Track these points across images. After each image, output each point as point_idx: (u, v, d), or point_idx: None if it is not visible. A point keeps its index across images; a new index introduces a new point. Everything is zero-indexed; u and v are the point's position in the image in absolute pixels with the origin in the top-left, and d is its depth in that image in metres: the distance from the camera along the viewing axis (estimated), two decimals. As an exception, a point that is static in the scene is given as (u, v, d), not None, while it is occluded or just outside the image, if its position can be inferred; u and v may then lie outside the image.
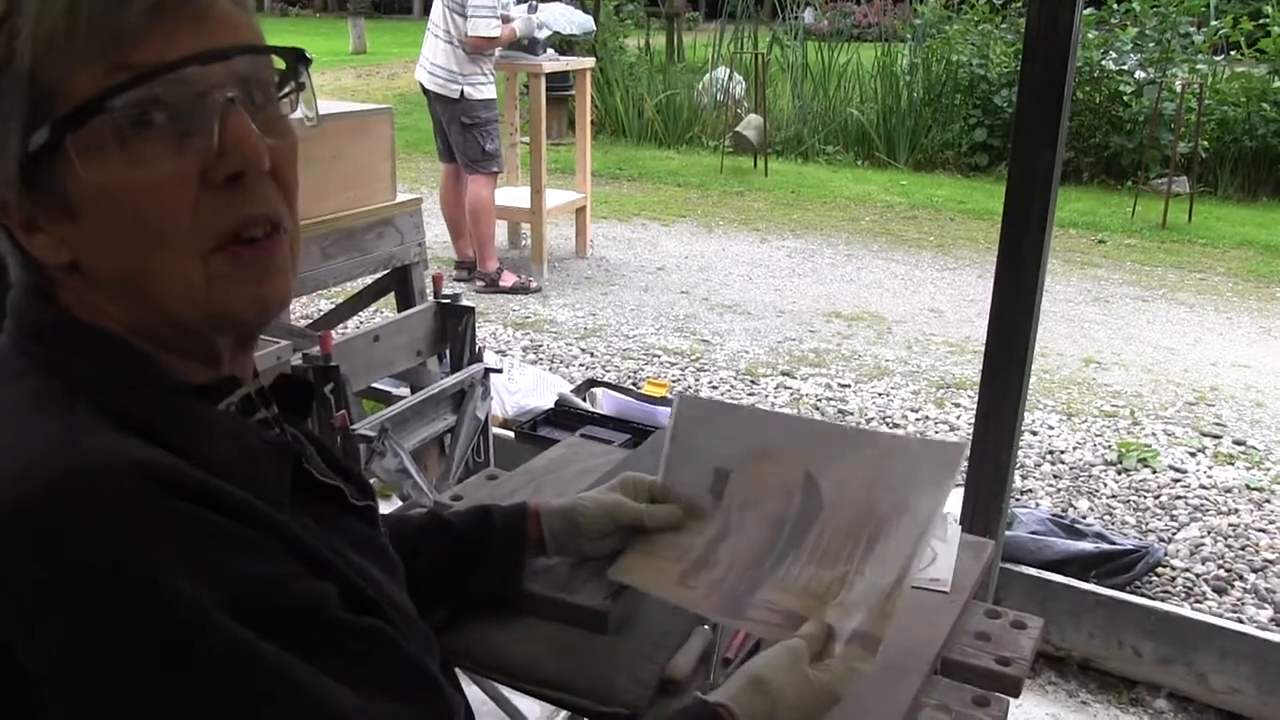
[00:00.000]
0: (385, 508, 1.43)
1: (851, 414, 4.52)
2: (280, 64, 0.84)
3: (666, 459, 1.35)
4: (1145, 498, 3.80)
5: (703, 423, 1.37)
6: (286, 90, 0.84)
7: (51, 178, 0.76)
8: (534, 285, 6.26)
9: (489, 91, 5.91)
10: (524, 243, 7.13)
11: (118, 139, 0.74)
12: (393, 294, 3.61)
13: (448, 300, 3.02)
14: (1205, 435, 4.36)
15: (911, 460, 1.20)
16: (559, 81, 9.33)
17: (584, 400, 3.92)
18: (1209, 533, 3.52)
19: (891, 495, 1.17)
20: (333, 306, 4.36)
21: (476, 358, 2.99)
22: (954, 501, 2.96)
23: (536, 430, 3.62)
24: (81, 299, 0.82)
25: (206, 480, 0.75)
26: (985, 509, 2.66)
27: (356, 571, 0.87)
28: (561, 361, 5.07)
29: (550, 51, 6.56)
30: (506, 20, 5.88)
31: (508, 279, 6.21)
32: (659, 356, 5.18)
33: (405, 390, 3.30)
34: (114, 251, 0.78)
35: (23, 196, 0.77)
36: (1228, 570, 3.30)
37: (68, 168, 0.75)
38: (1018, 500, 3.66)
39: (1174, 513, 3.68)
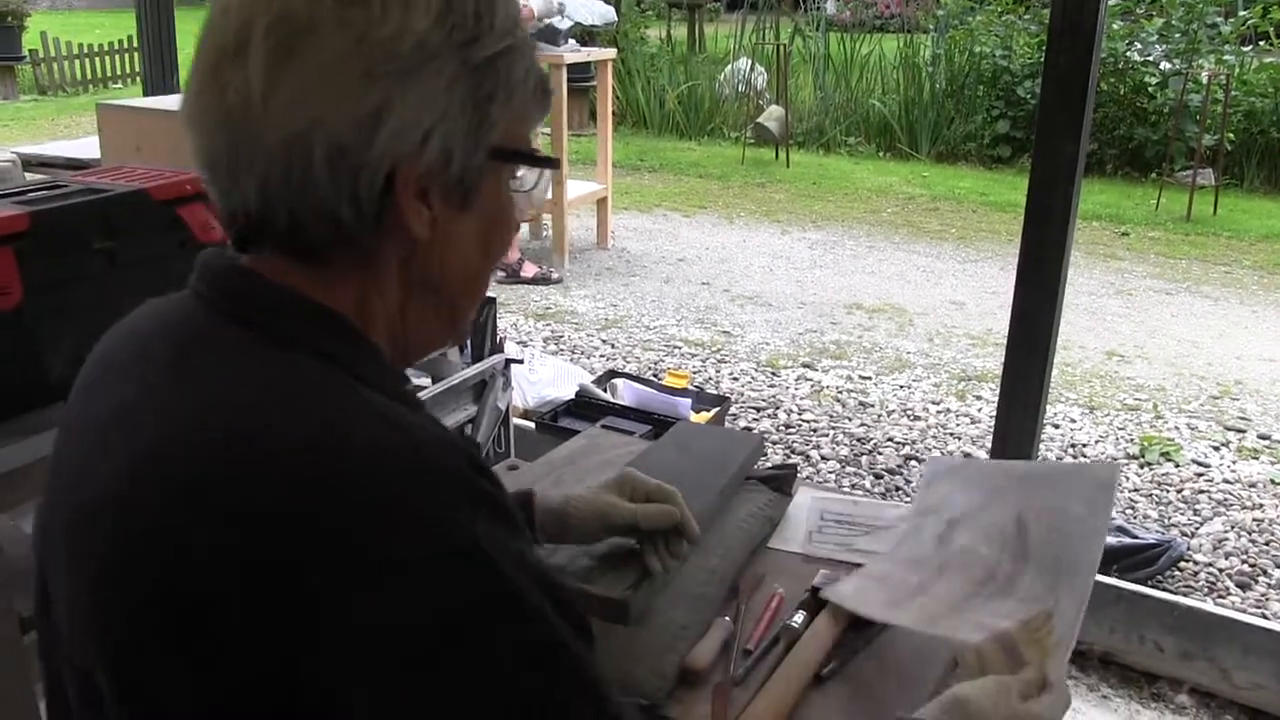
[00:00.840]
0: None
1: (872, 406, 4.51)
2: None
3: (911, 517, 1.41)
4: (1168, 492, 3.78)
5: (945, 477, 1.45)
6: None
7: (478, 173, 0.84)
8: (555, 276, 6.27)
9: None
10: (545, 234, 7.14)
11: (520, 186, 0.92)
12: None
13: (469, 291, 3.02)
14: (1229, 429, 4.33)
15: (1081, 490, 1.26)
16: (580, 72, 9.35)
17: (605, 391, 3.93)
18: (1232, 527, 3.51)
19: (1078, 527, 1.22)
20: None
21: (498, 348, 3.00)
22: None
23: (557, 421, 3.63)
24: (345, 281, 0.85)
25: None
26: (1006, 502, 2.65)
27: None
28: (582, 352, 5.07)
29: (571, 42, 6.56)
30: (524, 6, 5.88)
31: (529, 270, 6.22)
32: (680, 348, 5.19)
33: (426, 380, 3.31)
34: (466, 255, 0.89)
35: (447, 168, 0.82)
36: (1251, 565, 3.28)
37: (492, 177, 0.87)
38: (1039, 493, 3.65)
39: (1197, 507, 3.66)
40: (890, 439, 4.18)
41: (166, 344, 0.84)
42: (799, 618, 1.29)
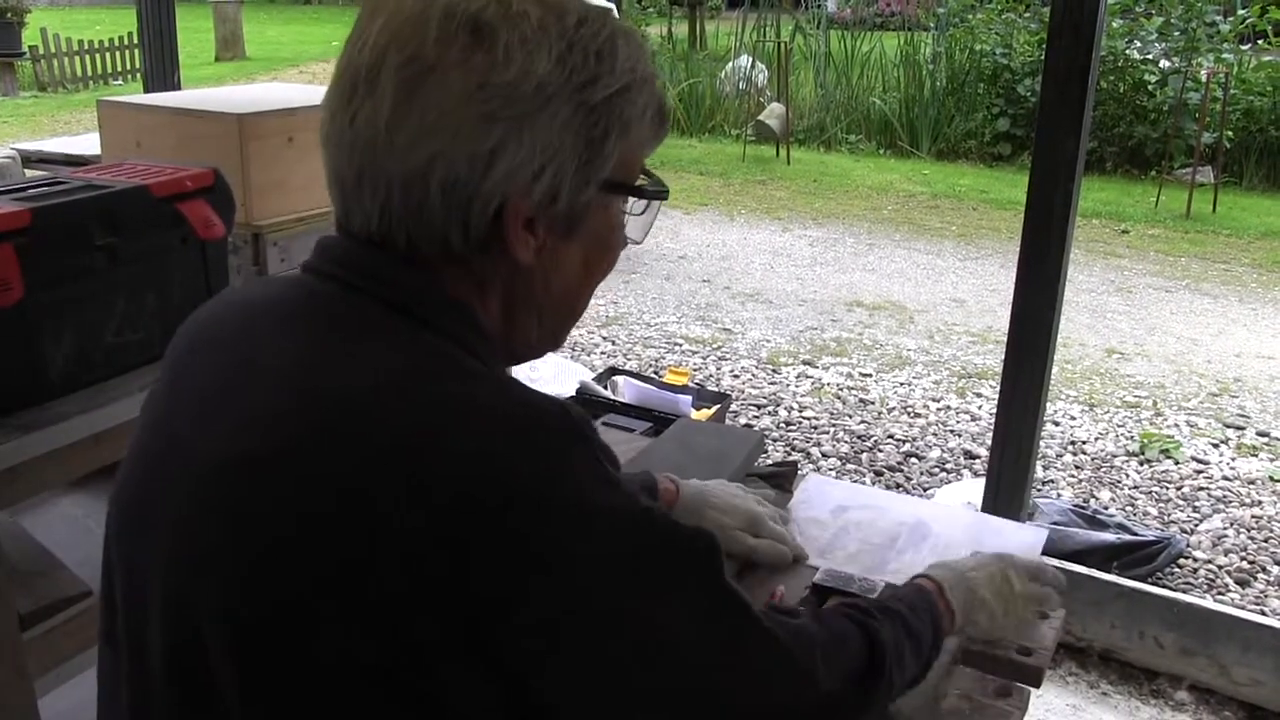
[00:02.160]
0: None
1: (873, 403, 4.51)
2: None
3: None
4: (1167, 489, 3.78)
5: None
6: None
7: (583, 204, 0.88)
8: (555, 273, 6.26)
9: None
10: (545, 231, 7.14)
11: (628, 215, 0.95)
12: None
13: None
14: (1228, 426, 4.33)
15: None
16: (581, 70, 9.34)
17: (605, 388, 3.93)
18: (1232, 524, 3.51)
19: None
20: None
21: (498, 346, 3.00)
22: (976, 492, 2.96)
23: (557, 418, 3.62)
24: (457, 286, 0.89)
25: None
26: (1007, 499, 2.66)
27: None
28: (583, 349, 5.08)
29: (572, 39, 6.55)
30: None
31: (529, 267, 6.22)
32: (680, 345, 5.19)
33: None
34: (569, 277, 0.92)
35: (553, 201, 0.86)
36: (1250, 562, 3.28)
37: (599, 208, 0.90)
38: (1039, 491, 3.66)
39: (1196, 504, 3.66)
40: (890, 436, 4.19)
41: (305, 316, 0.88)
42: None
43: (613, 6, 7.28)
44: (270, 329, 0.88)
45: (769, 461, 1.81)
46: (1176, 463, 3.98)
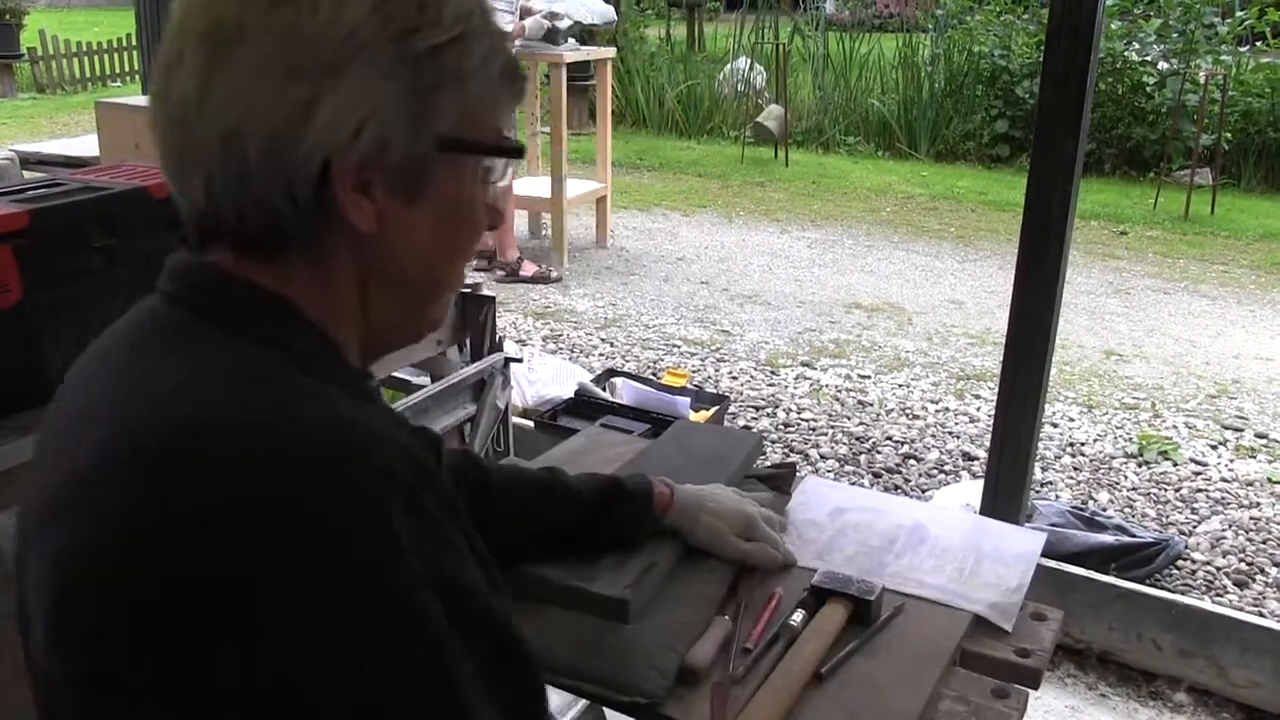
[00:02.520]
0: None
1: (871, 405, 4.51)
2: None
3: None
4: (1166, 490, 3.78)
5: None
6: None
7: (421, 163, 0.84)
8: (554, 275, 6.27)
9: (510, 82, 5.91)
10: (544, 232, 7.14)
11: (481, 176, 0.91)
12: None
13: (468, 289, 3.02)
14: (1227, 428, 4.34)
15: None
16: (580, 72, 9.35)
17: (604, 390, 3.93)
18: (1230, 526, 3.51)
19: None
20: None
21: (497, 347, 3.00)
22: (974, 494, 2.96)
23: (556, 420, 3.63)
24: (293, 275, 0.85)
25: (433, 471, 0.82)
26: (1005, 500, 2.66)
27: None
28: (581, 351, 5.07)
29: (571, 42, 6.56)
30: (525, 15, 5.89)
31: (528, 268, 6.22)
32: (679, 347, 5.19)
33: (425, 379, 3.31)
34: (419, 247, 0.88)
35: (384, 159, 0.82)
36: (1249, 564, 3.28)
37: (448, 169, 0.86)
38: (1038, 492, 3.66)
39: (1195, 506, 3.66)
40: (889, 438, 4.19)
41: (129, 342, 0.86)
42: (798, 616, 1.29)
43: (610, 8, 7.28)
44: (96, 364, 0.87)
45: (767, 463, 1.81)
46: (1175, 464, 3.99)
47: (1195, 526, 3.51)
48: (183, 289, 0.85)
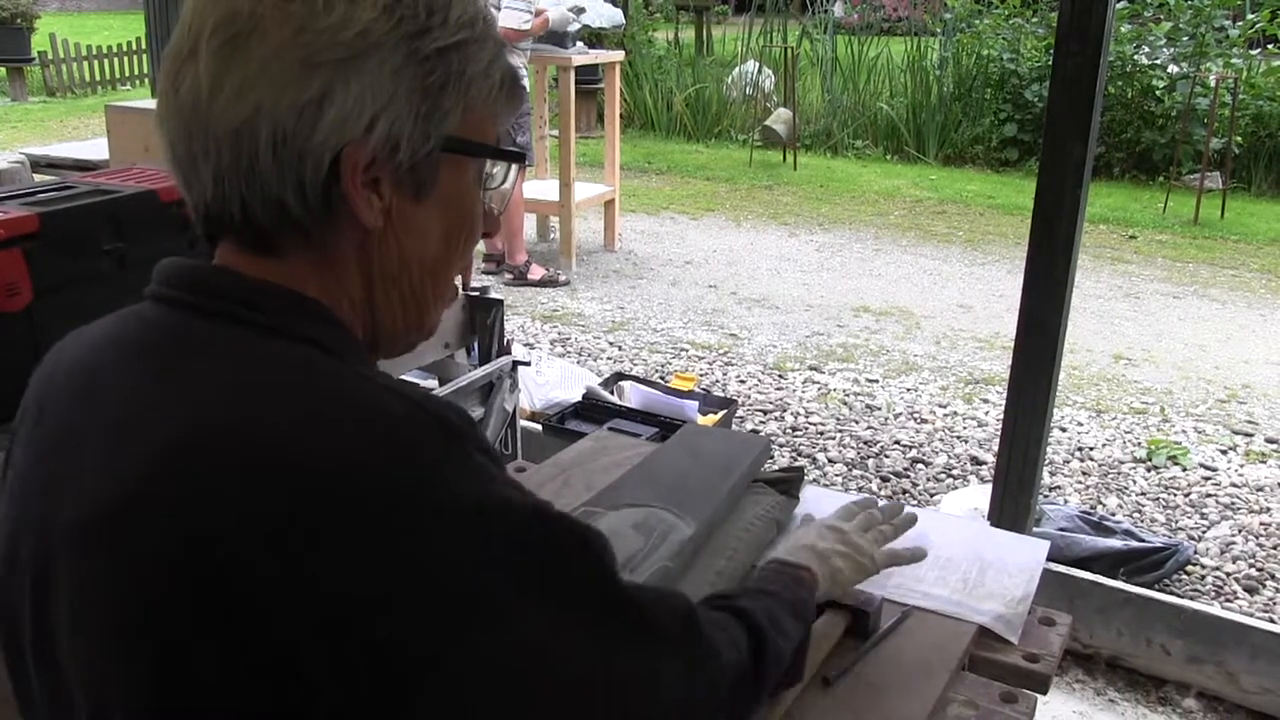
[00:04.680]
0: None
1: (879, 409, 4.50)
2: None
3: None
4: (1175, 495, 3.77)
5: None
6: None
7: (429, 161, 0.85)
8: (562, 278, 6.27)
9: (520, 85, 5.91)
10: (553, 236, 7.15)
11: (481, 181, 0.93)
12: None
13: (476, 293, 3.03)
14: (1237, 433, 4.32)
15: None
16: (588, 75, 9.36)
17: (612, 393, 3.93)
18: (1240, 531, 3.50)
19: None
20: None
21: (505, 350, 3.01)
22: (982, 498, 2.96)
23: (564, 423, 3.63)
24: (303, 272, 0.85)
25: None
26: (1014, 505, 2.66)
27: None
28: (589, 355, 5.08)
29: (580, 45, 6.57)
30: (539, 13, 5.89)
31: (536, 272, 6.22)
32: (687, 350, 5.19)
33: (433, 382, 3.32)
34: (426, 246, 0.89)
35: (393, 155, 0.83)
36: (1259, 569, 3.27)
37: (452, 169, 0.88)
38: (1046, 497, 3.65)
39: (1204, 511, 3.65)
40: (897, 442, 4.18)
41: (151, 350, 0.84)
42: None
43: (618, 12, 7.29)
44: (101, 376, 0.85)
45: (775, 467, 1.81)
46: (1184, 469, 3.97)
47: (1205, 532, 3.50)
48: (206, 294, 0.84)
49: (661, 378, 4.60)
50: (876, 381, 4.83)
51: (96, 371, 0.86)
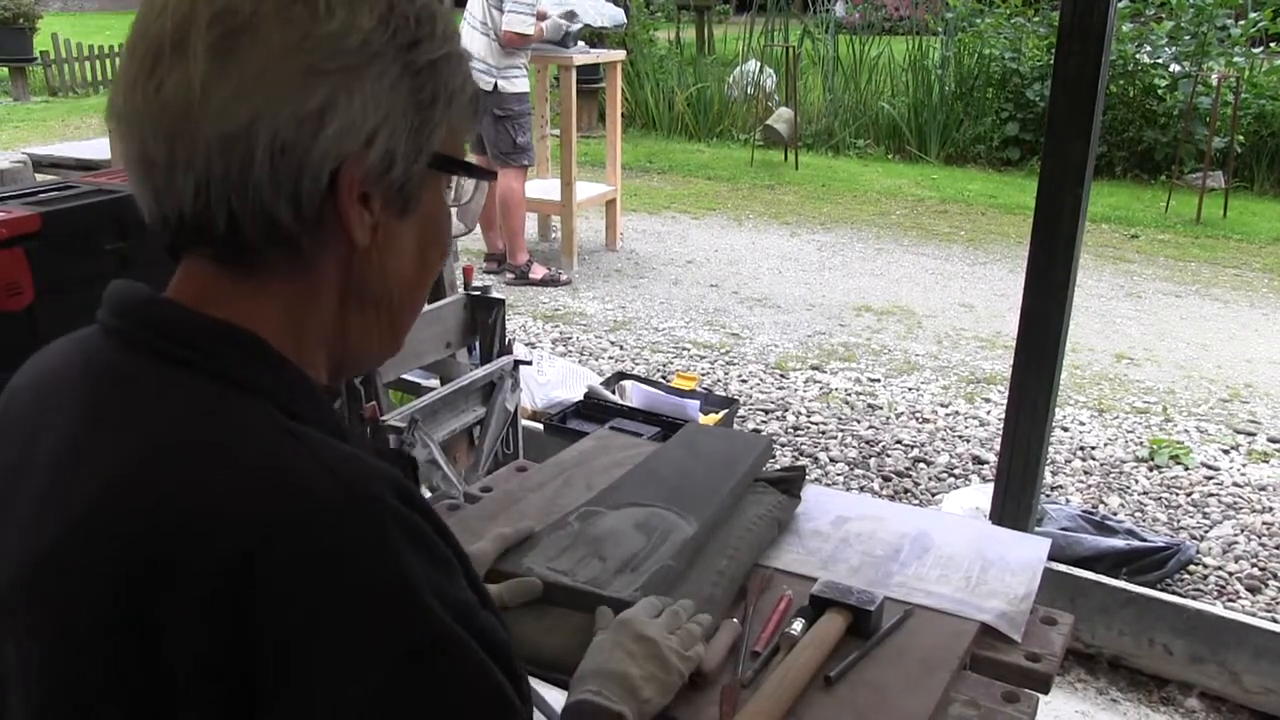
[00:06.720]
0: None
1: (881, 408, 4.50)
2: None
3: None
4: (1177, 495, 3.77)
5: None
6: None
7: (416, 178, 0.84)
8: (564, 278, 6.27)
9: (523, 85, 5.92)
10: (554, 235, 7.15)
11: (459, 197, 0.92)
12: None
13: (478, 292, 3.02)
14: (1239, 432, 4.32)
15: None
16: (590, 74, 9.35)
17: (613, 393, 3.93)
18: (1242, 531, 3.50)
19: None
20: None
21: (506, 350, 3.00)
22: (984, 497, 2.96)
23: (566, 422, 3.63)
24: (255, 299, 0.82)
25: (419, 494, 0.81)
26: (1015, 504, 2.66)
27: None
28: (591, 354, 5.08)
29: (581, 44, 6.57)
30: (541, 18, 5.89)
31: (538, 271, 6.23)
32: (688, 350, 5.19)
33: (435, 382, 3.31)
34: (405, 264, 0.88)
35: (387, 170, 0.81)
36: (1262, 569, 3.27)
37: (432, 186, 0.87)
38: (1048, 496, 3.65)
39: (1206, 510, 3.65)
40: (899, 441, 4.18)
41: (82, 387, 0.82)
42: (798, 625, 1.28)
43: (620, 11, 7.29)
44: (42, 410, 0.83)
45: (777, 466, 1.81)
46: (1186, 469, 3.97)
47: (1207, 531, 3.50)
48: (141, 328, 0.81)
49: (663, 377, 4.60)
50: (878, 381, 4.83)
51: (44, 408, 0.84)
